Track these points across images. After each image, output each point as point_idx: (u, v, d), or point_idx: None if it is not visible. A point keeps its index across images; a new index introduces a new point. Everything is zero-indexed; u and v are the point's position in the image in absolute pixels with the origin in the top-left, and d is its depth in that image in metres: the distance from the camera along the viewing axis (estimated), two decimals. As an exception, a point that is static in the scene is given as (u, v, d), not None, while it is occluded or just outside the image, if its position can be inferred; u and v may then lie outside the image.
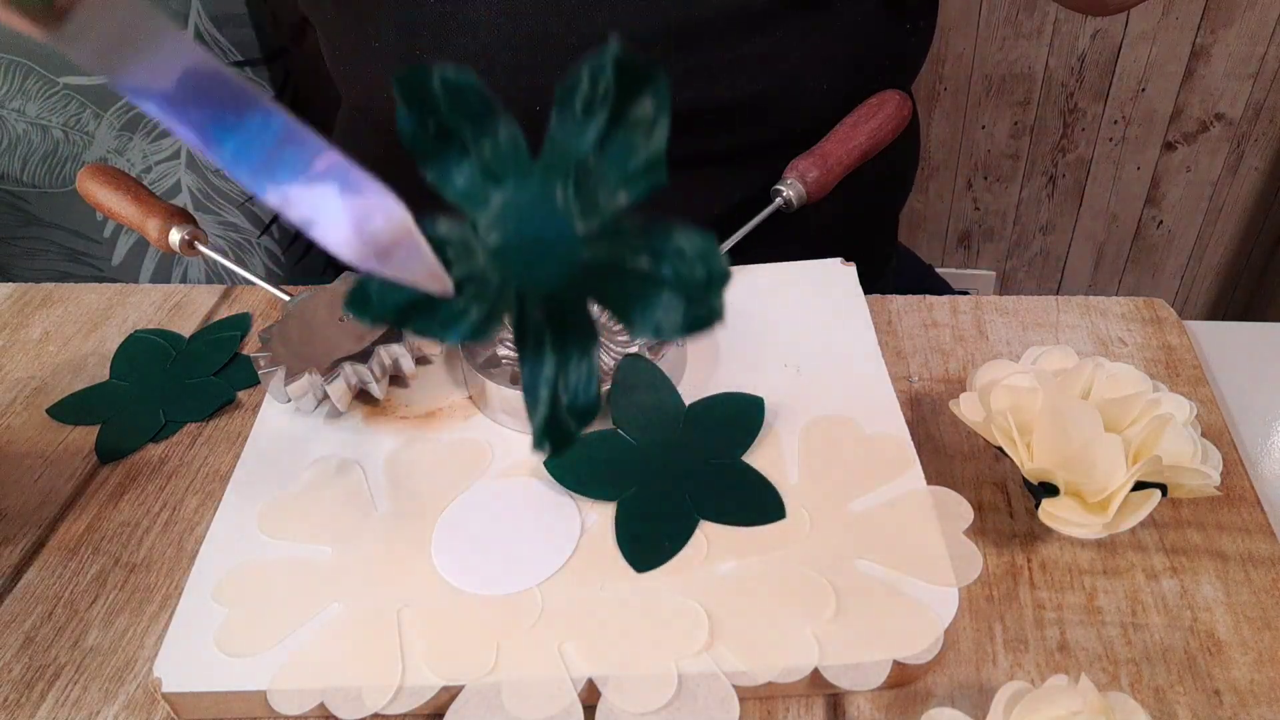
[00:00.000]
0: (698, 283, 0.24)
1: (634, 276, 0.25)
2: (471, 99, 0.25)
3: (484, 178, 0.26)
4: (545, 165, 0.25)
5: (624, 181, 0.25)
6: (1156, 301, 0.49)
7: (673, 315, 0.25)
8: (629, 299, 0.25)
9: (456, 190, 0.26)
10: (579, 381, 0.27)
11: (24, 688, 0.35)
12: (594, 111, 0.24)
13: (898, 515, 0.36)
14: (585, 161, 0.25)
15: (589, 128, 0.24)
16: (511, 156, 0.26)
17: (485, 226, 0.26)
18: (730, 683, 0.32)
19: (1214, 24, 1.14)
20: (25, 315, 0.55)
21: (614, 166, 0.24)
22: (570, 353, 0.27)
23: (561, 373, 0.27)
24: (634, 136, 0.24)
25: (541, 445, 0.27)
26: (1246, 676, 0.33)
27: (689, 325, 0.25)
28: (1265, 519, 0.38)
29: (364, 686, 0.32)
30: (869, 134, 0.53)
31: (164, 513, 0.42)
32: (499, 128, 0.26)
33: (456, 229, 0.26)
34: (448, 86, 0.25)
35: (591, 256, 0.25)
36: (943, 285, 0.76)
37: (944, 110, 1.27)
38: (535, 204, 0.25)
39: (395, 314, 0.27)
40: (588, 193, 0.25)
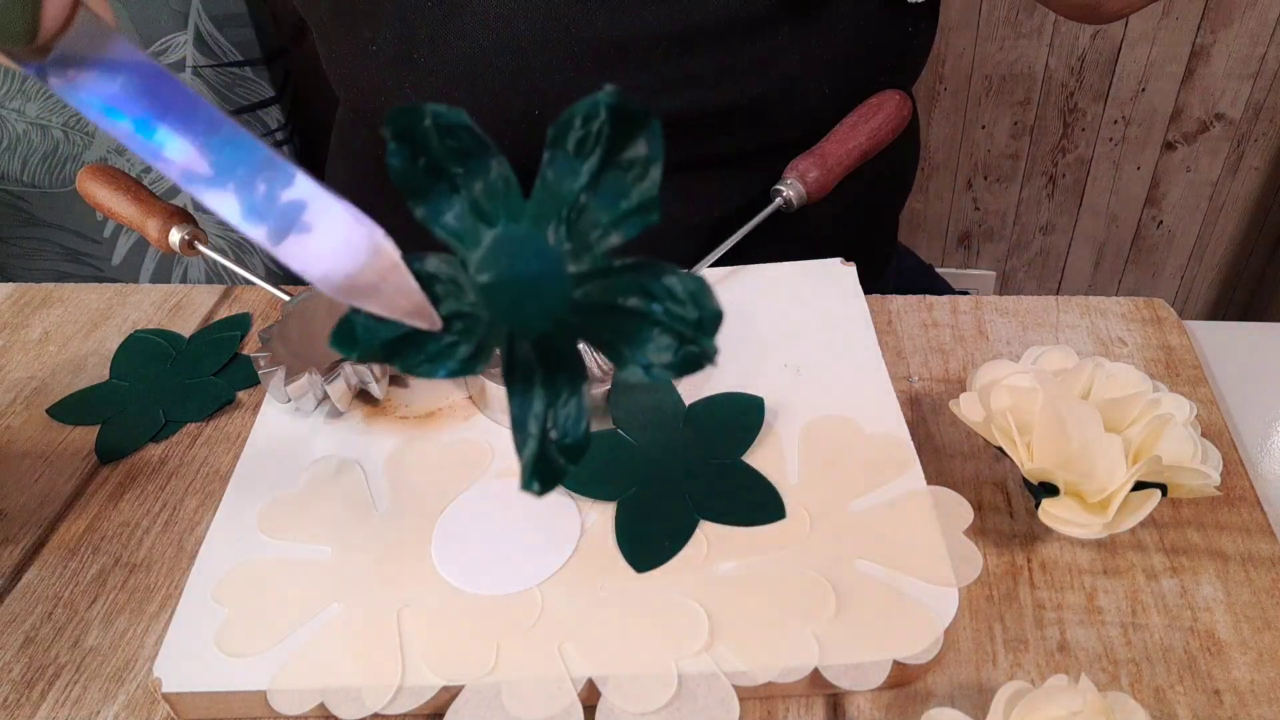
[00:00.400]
0: (690, 323, 0.24)
1: (625, 315, 0.25)
2: (463, 137, 0.25)
3: (475, 216, 0.25)
4: (537, 205, 0.25)
5: (616, 222, 0.24)
6: (1156, 301, 0.49)
7: (664, 355, 0.25)
8: (620, 338, 0.25)
9: (447, 228, 0.26)
10: (568, 419, 0.26)
11: (24, 688, 0.35)
12: (587, 152, 0.24)
13: (898, 515, 0.36)
14: (577, 201, 0.24)
15: (581, 168, 0.24)
16: (503, 196, 0.25)
17: (475, 265, 0.26)
18: (730, 683, 0.32)
19: (1214, 24, 1.14)
20: (25, 315, 0.55)
21: (606, 207, 0.24)
22: (560, 390, 0.26)
23: (551, 409, 0.26)
24: (626, 178, 0.24)
25: (530, 484, 0.27)
26: (1246, 676, 0.33)
27: (681, 365, 0.25)
28: (1265, 519, 0.38)
29: (364, 686, 0.32)
30: (869, 134, 0.53)
31: (164, 513, 0.42)
32: (490, 166, 0.25)
33: (445, 265, 0.26)
34: (439, 125, 0.25)
35: (583, 296, 0.25)
36: (943, 285, 0.76)
37: (944, 110, 1.27)
38: (526, 244, 0.25)
39: (382, 350, 0.26)
40: (579, 233, 0.25)
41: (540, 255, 0.25)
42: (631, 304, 0.25)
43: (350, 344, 0.26)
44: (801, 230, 0.58)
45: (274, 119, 1.07)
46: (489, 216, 0.25)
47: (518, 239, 0.25)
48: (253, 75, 1.03)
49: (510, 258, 0.25)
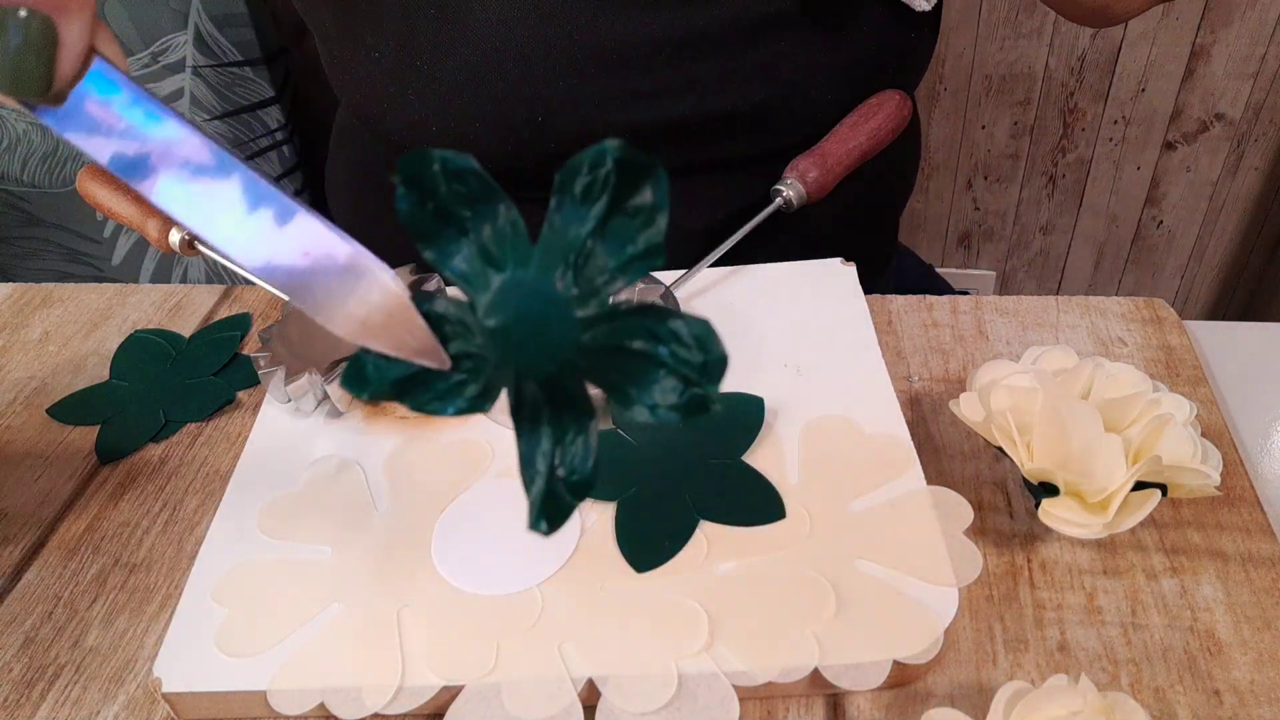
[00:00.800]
0: (694, 367, 0.24)
1: (631, 358, 0.25)
2: (471, 182, 0.25)
3: (483, 260, 0.26)
4: (544, 250, 0.25)
5: (622, 267, 0.25)
6: (1156, 301, 0.49)
7: (669, 397, 0.25)
8: (626, 380, 0.25)
9: (456, 271, 0.26)
10: (576, 457, 0.27)
11: (24, 688, 0.35)
12: (593, 199, 0.24)
13: (898, 515, 0.36)
14: (584, 247, 0.25)
15: (589, 214, 0.24)
16: (510, 240, 0.25)
17: (484, 309, 0.26)
18: (730, 683, 0.32)
19: (1214, 24, 1.14)
20: (25, 315, 0.55)
21: (612, 252, 0.24)
22: (567, 428, 0.27)
23: (558, 447, 0.27)
24: (633, 224, 0.24)
25: (538, 523, 0.27)
26: (1246, 676, 0.33)
27: (686, 408, 0.25)
28: (1265, 519, 0.38)
29: (364, 686, 0.32)
30: (869, 134, 0.53)
31: (164, 513, 0.42)
32: (499, 211, 0.25)
33: (454, 307, 0.26)
34: (447, 170, 0.25)
35: (590, 339, 0.25)
36: (943, 285, 0.76)
37: (944, 110, 1.27)
38: (534, 289, 0.25)
39: (392, 389, 0.27)
40: (586, 278, 0.25)
41: (547, 301, 0.25)
42: (638, 347, 0.25)
43: (361, 384, 0.27)
44: (801, 230, 0.58)
45: (274, 119, 1.07)
46: (497, 261, 0.26)
47: (525, 285, 0.25)
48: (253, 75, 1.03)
49: (518, 303, 0.26)
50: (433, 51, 0.50)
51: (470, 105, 0.51)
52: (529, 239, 0.25)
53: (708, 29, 0.49)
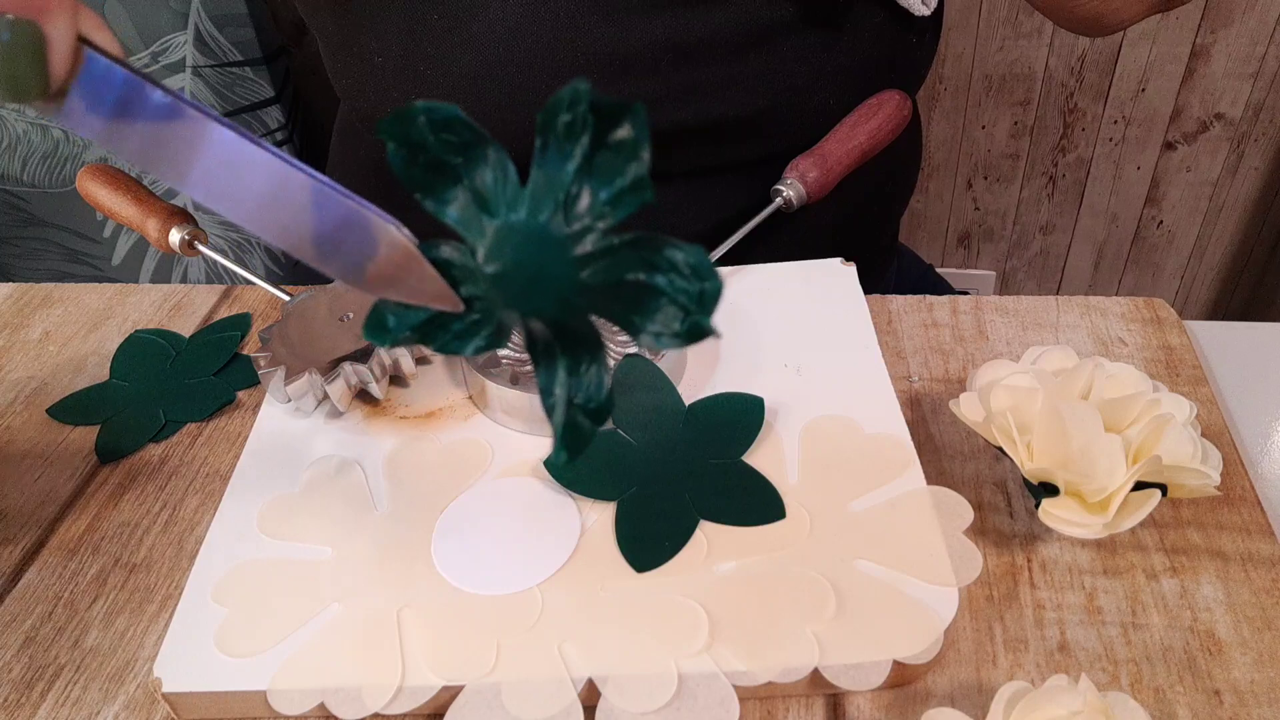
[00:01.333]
0: (692, 296, 0.25)
1: (632, 289, 0.25)
2: (458, 131, 0.26)
3: (477, 207, 0.26)
4: (534, 191, 0.26)
5: (612, 201, 0.25)
6: (1156, 301, 0.49)
7: (672, 324, 0.25)
8: (630, 310, 0.26)
9: (454, 219, 0.27)
10: (591, 385, 0.27)
11: (24, 688, 0.35)
12: (576, 135, 0.25)
13: (898, 515, 0.36)
14: (573, 185, 0.25)
15: (574, 151, 0.25)
16: (502, 185, 0.26)
17: (483, 256, 0.27)
18: (730, 683, 0.32)
19: (1214, 24, 1.14)
20: (25, 315, 0.55)
21: (601, 187, 0.25)
22: (581, 360, 0.27)
23: (574, 378, 0.27)
24: (618, 158, 0.24)
25: (559, 454, 0.28)
26: (1246, 676, 0.33)
27: (688, 335, 0.25)
28: (1265, 519, 0.38)
29: (364, 686, 0.32)
30: (869, 134, 0.53)
31: (164, 513, 0.42)
32: (488, 156, 0.26)
33: (458, 252, 0.27)
34: (433, 121, 0.25)
35: (589, 276, 0.26)
36: (943, 285, 0.76)
37: (944, 110, 1.27)
38: (528, 233, 0.26)
39: (414, 334, 0.28)
40: (578, 215, 0.25)
41: (542, 243, 0.26)
42: (637, 278, 0.25)
43: (383, 333, 0.28)
44: (801, 230, 0.58)
45: (274, 119, 1.07)
46: (490, 206, 0.26)
47: (519, 229, 0.26)
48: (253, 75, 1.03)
49: (514, 248, 0.26)
50: (435, 57, 0.50)
51: (473, 111, 0.51)
52: (520, 183, 0.26)
53: (710, 35, 0.49)
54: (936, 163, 1.33)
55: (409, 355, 0.44)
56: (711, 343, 0.45)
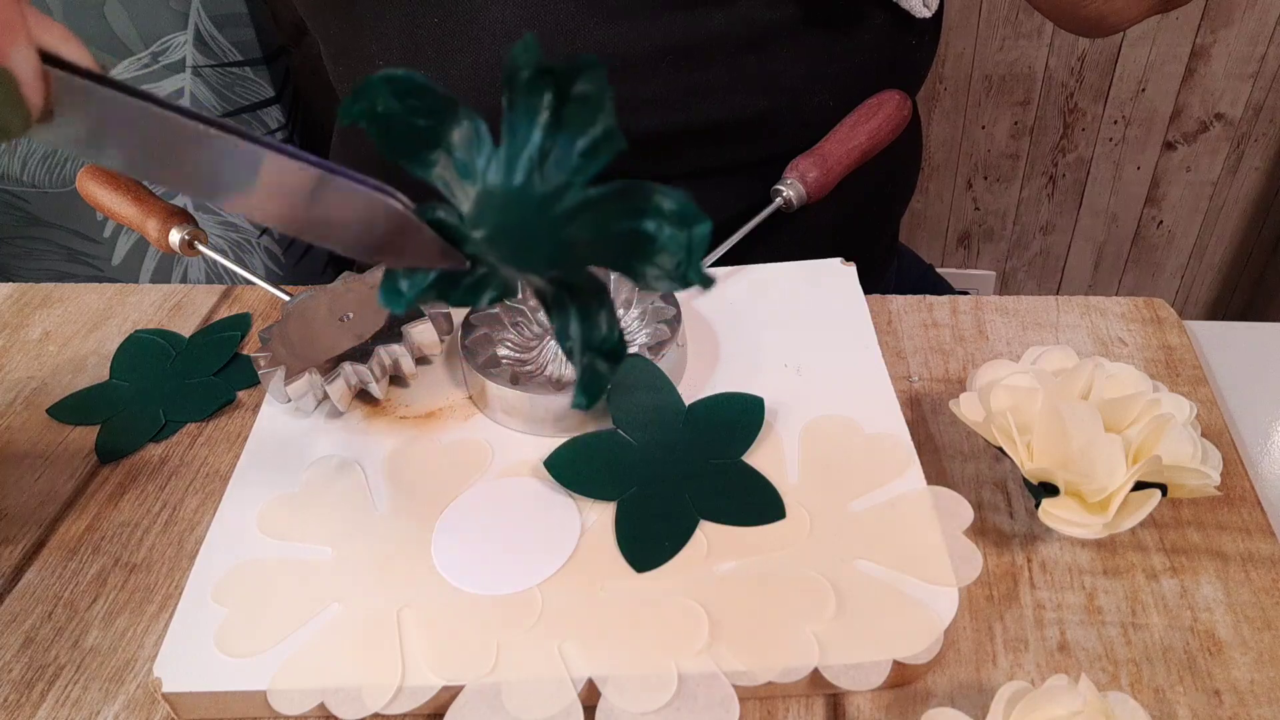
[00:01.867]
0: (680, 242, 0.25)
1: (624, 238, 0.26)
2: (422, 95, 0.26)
3: (456, 171, 0.27)
4: (508, 151, 0.26)
5: (585, 155, 0.25)
6: (1156, 301, 0.49)
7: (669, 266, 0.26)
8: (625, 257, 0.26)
9: (440, 181, 0.27)
10: (604, 328, 0.28)
11: (24, 688, 0.35)
12: (539, 92, 0.25)
13: (898, 515, 0.36)
14: (545, 140, 0.25)
15: (540, 105, 0.25)
16: (476, 147, 0.26)
17: (469, 221, 0.27)
18: (730, 683, 0.32)
19: (1214, 24, 1.14)
20: (25, 315, 0.55)
21: (573, 139, 0.25)
22: (589, 306, 0.28)
23: (586, 323, 0.28)
24: (585, 110, 0.25)
25: (580, 398, 0.29)
26: (1246, 676, 0.33)
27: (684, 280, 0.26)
28: (1265, 519, 0.38)
29: (364, 686, 0.32)
30: (869, 134, 0.53)
31: (164, 513, 0.42)
32: (458, 119, 0.26)
33: (453, 213, 0.28)
34: (396, 89, 0.26)
35: (576, 231, 0.26)
36: (943, 285, 0.76)
37: (944, 110, 1.27)
38: (506, 194, 0.26)
39: (429, 293, 0.29)
40: (553, 172, 0.26)
41: (523, 204, 0.26)
42: (627, 227, 0.26)
43: (397, 297, 0.28)
44: (801, 230, 0.58)
45: (274, 119, 1.07)
46: (468, 169, 0.27)
47: (498, 192, 0.26)
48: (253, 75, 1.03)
49: (496, 211, 0.27)
50: (436, 60, 0.50)
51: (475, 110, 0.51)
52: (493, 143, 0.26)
53: (710, 37, 0.49)
54: (936, 163, 1.33)
55: (409, 355, 0.44)
56: (711, 342, 0.46)
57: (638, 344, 0.44)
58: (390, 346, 0.43)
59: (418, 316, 0.44)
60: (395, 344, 0.43)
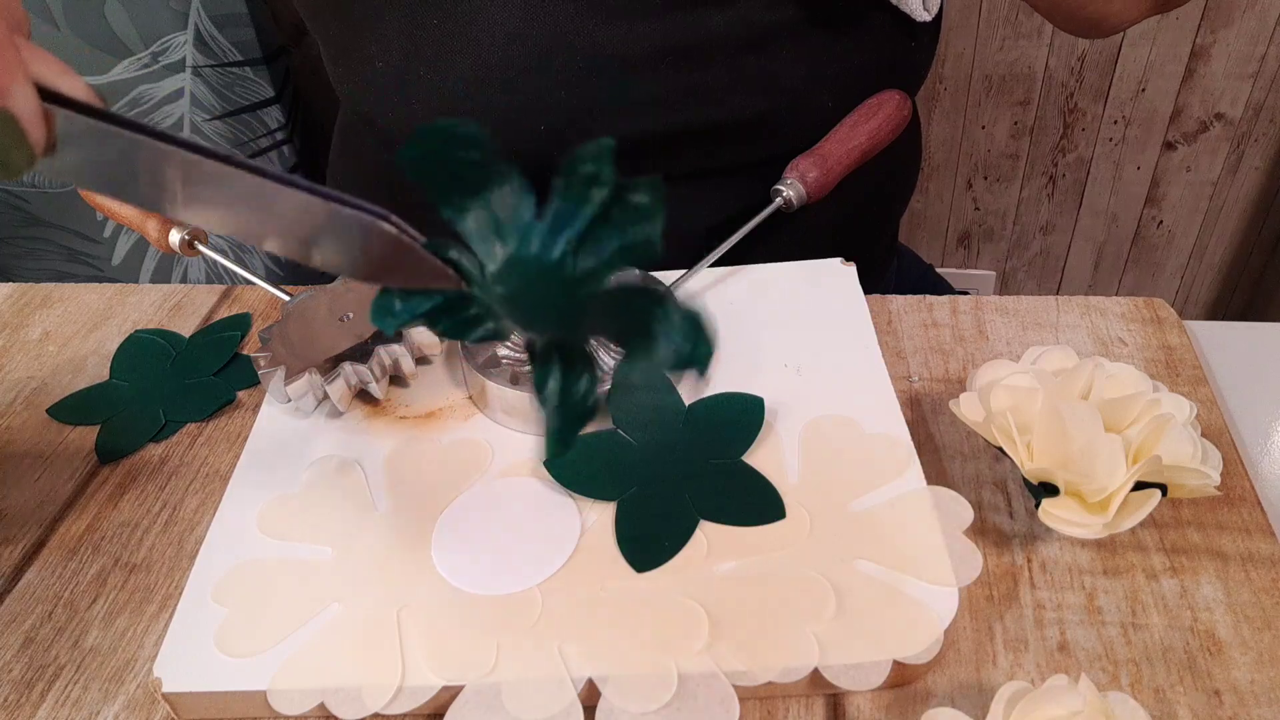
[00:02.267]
0: (683, 355, 0.26)
1: (630, 328, 0.27)
2: (482, 149, 0.26)
3: (491, 226, 0.27)
4: (550, 228, 0.26)
5: (621, 252, 0.26)
6: (1156, 301, 0.49)
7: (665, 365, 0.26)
8: (625, 343, 0.27)
9: (468, 232, 0.27)
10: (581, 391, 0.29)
11: (24, 688, 0.35)
12: (597, 186, 0.26)
13: (898, 515, 0.36)
14: (586, 229, 0.26)
15: (591, 199, 0.26)
16: (518, 212, 0.27)
17: (492, 276, 0.28)
18: (730, 683, 0.32)
19: (1214, 24, 1.14)
20: (25, 315, 0.55)
21: (613, 236, 0.26)
22: (575, 369, 0.29)
23: (566, 382, 0.29)
24: (633, 216, 0.26)
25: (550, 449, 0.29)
26: (1246, 676, 0.33)
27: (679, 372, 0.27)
28: (1265, 519, 0.38)
29: (364, 686, 0.32)
30: (869, 134, 0.53)
31: (164, 513, 0.42)
32: (509, 180, 0.27)
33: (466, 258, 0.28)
34: (456, 137, 0.26)
35: (590, 312, 0.27)
36: (943, 285, 0.76)
37: (944, 110, 1.27)
38: (539, 266, 0.27)
39: (421, 319, 0.29)
40: (586, 258, 0.26)
41: (550, 278, 0.27)
42: (636, 323, 0.26)
43: (388, 318, 0.29)
44: (801, 230, 0.58)
45: (274, 119, 1.07)
46: (502, 230, 0.27)
47: (529, 261, 0.27)
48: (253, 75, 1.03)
49: (522, 277, 0.27)
50: (435, 62, 0.50)
51: (473, 115, 0.51)
52: (535, 213, 0.27)
53: (709, 38, 0.49)
54: (936, 163, 1.33)
55: (409, 355, 0.44)
56: (711, 343, 0.46)
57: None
58: (390, 346, 0.43)
59: (418, 316, 0.44)
60: (395, 344, 0.43)
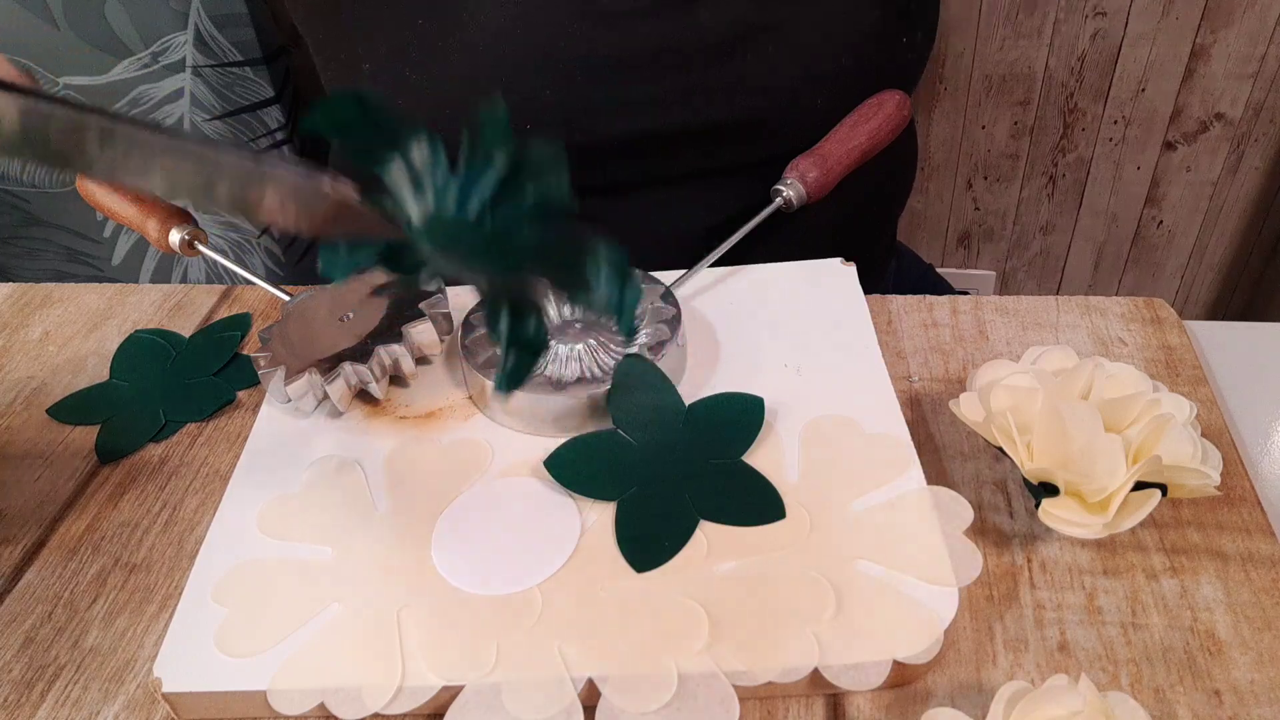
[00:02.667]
0: (613, 300, 0.27)
1: (563, 270, 0.28)
2: (379, 115, 0.28)
3: (410, 182, 0.28)
4: (463, 188, 0.28)
5: (535, 209, 0.27)
6: (1156, 301, 0.49)
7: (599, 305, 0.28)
8: (561, 284, 0.29)
9: (392, 187, 0.29)
10: (531, 328, 0.30)
11: (24, 688, 0.35)
12: (500, 146, 0.27)
13: (898, 515, 0.36)
14: (497, 190, 0.27)
15: (496, 162, 0.27)
16: (432, 168, 0.28)
17: (417, 233, 0.28)
18: (730, 683, 0.32)
19: (1214, 24, 1.14)
20: (25, 315, 0.55)
21: (524, 195, 0.27)
22: (522, 306, 0.30)
23: (514, 319, 0.30)
24: (537, 172, 0.27)
25: (500, 384, 0.31)
26: (1246, 676, 0.33)
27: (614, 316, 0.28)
28: (1265, 519, 0.38)
29: (364, 686, 0.32)
30: (869, 134, 0.53)
31: (164, 513, 0.42)
32: (418, 138, 0.28)
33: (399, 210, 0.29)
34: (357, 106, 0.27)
35: (519, 260, 0.28)
36: (943, 285, 0.76)
37: (944, 110, 1.27)
38: (458, 224, 0.28)
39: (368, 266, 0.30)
40: (504, 215, 0.27)
41: (471, 233, 0.28)
42: (567, 267, 0.28)
43: (338, 266, 0.30)
44: (801, 230, 0.58)
45: (274, 119, 1.07)
46: (420, 183, 0.28)
47: (449, 219, 0.28)
48: (253, 75, 1.03)
49: (444, 234, 0.28)
50: (423, 63, 0.50)
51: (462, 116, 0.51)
52: (449, 168, 0.28)
53: (701, 39, 0.49)
54: (936, 163, 1.33)
55: (409, 355, 0.44)
56: (711, 342, 0.46)
57: (638, 344, 0.44)
58: (390, 346, 0.43)
59: (418, 317, 0.44)
60: (395, 344, 0.43)
